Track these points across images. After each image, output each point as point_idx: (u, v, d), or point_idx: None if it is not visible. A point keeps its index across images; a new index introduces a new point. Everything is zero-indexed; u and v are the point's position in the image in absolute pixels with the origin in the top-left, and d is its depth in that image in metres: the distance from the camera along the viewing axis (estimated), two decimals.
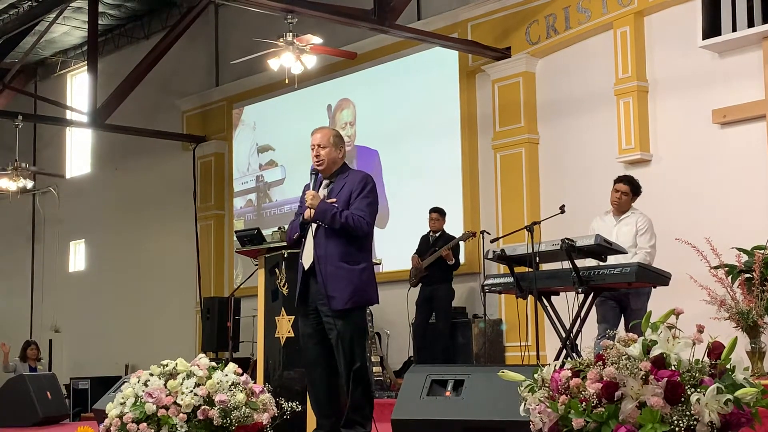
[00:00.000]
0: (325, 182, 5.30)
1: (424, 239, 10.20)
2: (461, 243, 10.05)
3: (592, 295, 6.67)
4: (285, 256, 6.08)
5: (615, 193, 7.39)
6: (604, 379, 3.27)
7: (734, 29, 8.58)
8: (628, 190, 7.37)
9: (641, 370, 3.21)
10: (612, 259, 6.74)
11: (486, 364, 9.51)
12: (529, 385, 3.54)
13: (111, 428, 4.58)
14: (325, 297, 5.10)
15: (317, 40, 9.81)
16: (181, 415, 4.46)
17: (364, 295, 5.18)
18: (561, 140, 10.23)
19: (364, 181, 5.24)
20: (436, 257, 9.82)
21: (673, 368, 3.24)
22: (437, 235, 10.09)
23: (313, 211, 5.10)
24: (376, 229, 10.87)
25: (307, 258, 5.20)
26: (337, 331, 5.11)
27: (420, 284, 10.05)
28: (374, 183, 5.31)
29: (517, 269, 6.94)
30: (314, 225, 5.15)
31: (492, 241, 8.44)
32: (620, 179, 7.50)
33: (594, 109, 9.89)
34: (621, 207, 7.37)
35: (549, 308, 6.86)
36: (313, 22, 10.61)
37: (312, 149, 5.28)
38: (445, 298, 10.00)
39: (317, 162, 5.26)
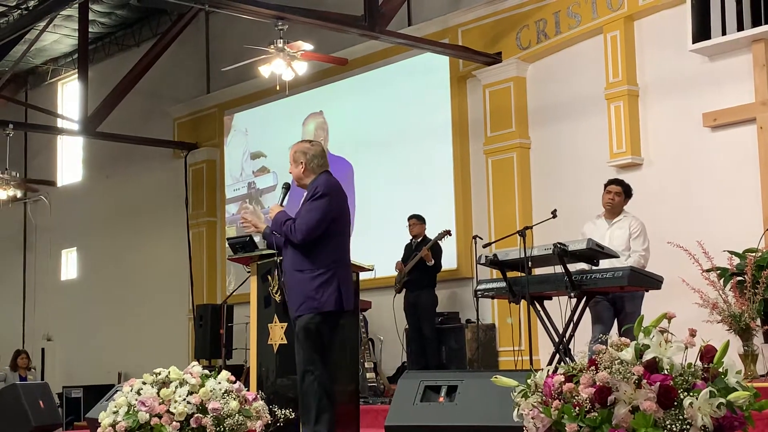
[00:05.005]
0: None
1: (408, 246, 10.32)
2: (441, 246, 10.08)
3: (584, 299, 6.68)
4: (277, 262, 6.07)
5: (608, 195, 7.37)
6: (597, 383, 3.27)
7: (724, 33, 8.59)
8: (620, 191, 7.37)
9: (634, 374, 3.21)
10: (605, 263, 6.74)
11: (479, 369, 9.51)
12: (523, 390, 3.54)
13: None
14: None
15: (308, 46, 9.81)
16: (174, 423, 4.45)
17: (313, 303, 5.19)
18: (552, 145, 10.24)
19: (313, 189, 5.29)
20: (417, 260, 9.89)
21: (665, 372, 3.24)
22: (419, 240, 10.18)
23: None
24: (363, 235, 10.88)
25: None
26: (295, 336, 5.30)
27: (404, 290, 10.10)
28: (327, 192, 5.27)
29: (510, 274, 6.94)
30: None
31: (484, 246, 8.44)
32: (612, 181, 7.51)
33: (585, 113, 9.90)
34: (614, 209, 7.35)
35: (542, 313, 6.86)
36: (303, 28, 10.60)
37: None
38: (429, 304, 10.07)
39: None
